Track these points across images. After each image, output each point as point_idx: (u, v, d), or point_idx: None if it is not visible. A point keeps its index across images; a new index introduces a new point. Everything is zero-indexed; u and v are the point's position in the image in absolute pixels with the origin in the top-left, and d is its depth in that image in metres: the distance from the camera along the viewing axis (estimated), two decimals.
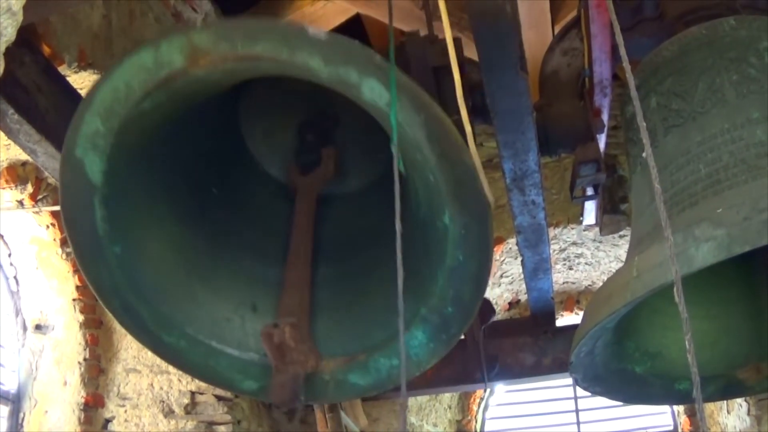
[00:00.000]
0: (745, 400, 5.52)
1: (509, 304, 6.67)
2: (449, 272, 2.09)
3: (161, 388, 4.84)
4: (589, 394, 2.58)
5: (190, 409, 4.81)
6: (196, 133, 2.36)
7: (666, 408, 6.57)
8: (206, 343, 2.30)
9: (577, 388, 4.35)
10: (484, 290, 2.14)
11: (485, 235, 2.06)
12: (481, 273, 2.09)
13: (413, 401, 5.99)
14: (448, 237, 2.05)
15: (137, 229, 2.24)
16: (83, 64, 3.56)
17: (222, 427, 4.82)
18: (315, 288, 2.35)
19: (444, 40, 2.42)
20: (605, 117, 2.75)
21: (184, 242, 2.38)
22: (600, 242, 5.93)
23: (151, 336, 2.29)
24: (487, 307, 3.57)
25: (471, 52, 2.08)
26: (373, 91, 1.83)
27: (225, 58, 1.87)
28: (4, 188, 4.24)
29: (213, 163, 2.50)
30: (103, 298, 2.24)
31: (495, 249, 5.83)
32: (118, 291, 2.22)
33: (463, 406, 6.79)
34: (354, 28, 4.63)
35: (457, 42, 2.14)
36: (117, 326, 4.87)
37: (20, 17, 1.61)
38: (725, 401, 5.72)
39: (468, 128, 2.02)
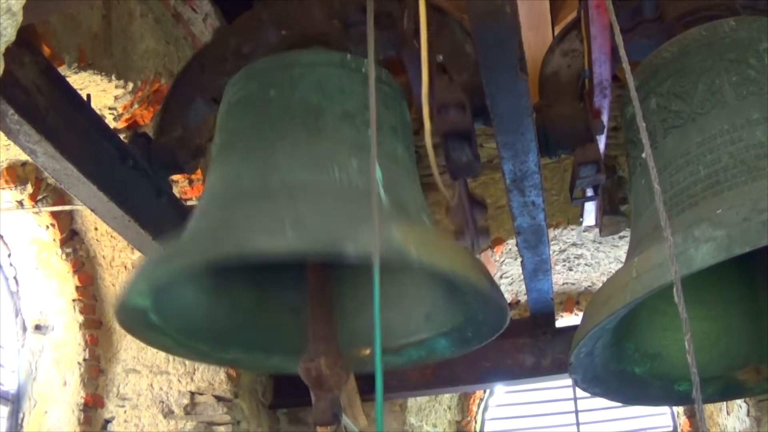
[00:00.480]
0: (745, 402, 5.52)
1: (509, 304, 6.67)
2: (471, 318, 2.26)
3: (161, 389, 4.85)
4: (588, 395, 2.58)
5: (190, 409, 4.81)
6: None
7: (665, 409, 6.57)
8: (261, 350, 2.51)
9: (577, 388, 4.35)
10: (501, 331, 2.29)
11: (503, 312, 2.19)
12: (499, 325, 2.25)
13: (413, 402, 6.00)
14: (470, 305, 2.23)
15: (189, 311, 2.36)
16: (83, 65, 3.56)
17: (221, 428, 4.82)
18: (342, 295, 2.43)
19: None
20: (605, 118, 2.75)
21: (226, 301, 2.48)
22: (600, 243, 5.93)
23: (212, 359, 2.53)
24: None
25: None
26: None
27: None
28: (3, 188, 4.25)
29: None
30: (171, 353, 2.49)
31: (495, 250, 5.83)
32: (184, 346, 2.37)
33: (463, 406, 6.79)
34: None
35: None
36: (116, 326, 4.87)
37: (20, 18, 1.61)
38: (725, 402, 5.72)
39: (427, 124, 2.06)
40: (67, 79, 2.92)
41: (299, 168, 2.07)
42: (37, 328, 4.82)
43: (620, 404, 4.53)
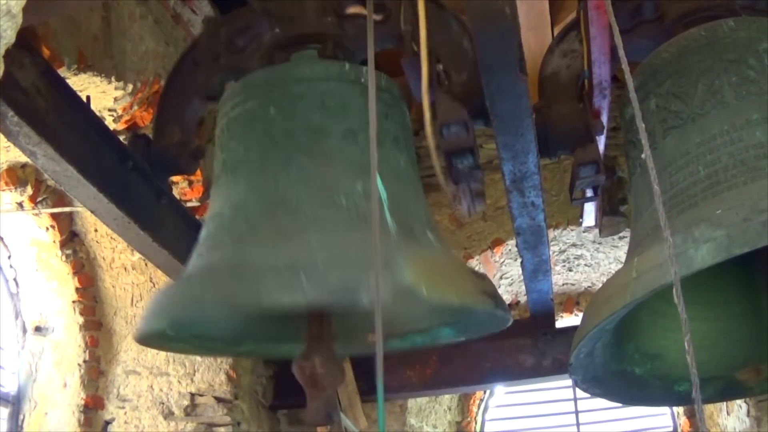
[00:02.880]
0: (745, 402, 5.52)
1: (509, 305, 6.67)
2: (472, 316, 2.29)
3: (161, 390, 4.84)
4: (588, 395, 2.58)
5: (190, 410, 4.81)
6: None
7: (666, 409, 6.57)
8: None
9: (577, 389, 4.35)
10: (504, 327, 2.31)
11: (504, 318, 2.21)
12: (500, 328, 2.28)
13: (413, 402, 5.99)
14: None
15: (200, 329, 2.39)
16: (83, 67, 3.56)
17: (222, 429, 4.82)
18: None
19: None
20: (605, 118, 2.75)
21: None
22: (599, 244, 5.93)
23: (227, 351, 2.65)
24: None
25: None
26: None
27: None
28: (3, 190, 4.25)
29: None
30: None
31: (495, 251, 5.83)
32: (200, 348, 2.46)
33: (463, 407, 6.79)
34: None
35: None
36: (117, 328, 4.89)
37: (20, 19, 1.61)
38: (725, 402, 5.72)
39: (428, 115, 2.06)
40: (67, 80, 2.92)
41: (305, 194, 2.09)
42: (38, 329, 4.82)
43: (620, 405, 4.53)
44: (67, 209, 4.54)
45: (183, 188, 4.59)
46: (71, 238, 4.80)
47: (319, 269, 1.81)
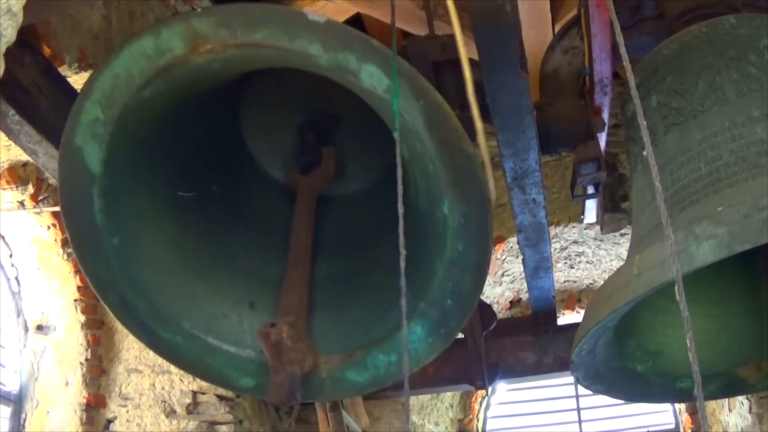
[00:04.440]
0: (747, 398, 5.52)
1: (510, 302, 6.67)
2: (448, 263, 2.08)
3: (163, 388, 4.85)
4: (590, 392, 2.58)
5: (192, 409, 4.81)
6: (197, 128, 2.36)
7: (667, 406, 6.58)
8: (203, 339, 2.30)
9: (579, 386, 4.35)
10: (483, 282, 2.12)
11: (485, 224, 2.03)
12: (481, 263, 2.07)
13: (415, 400, 6.00)
14: (448, 227, 2.03)
15: (136, 222, 2.23)
16: (84, 65, 3.56)
17: (224, 427, 4.82)
18: (313, 286, 2.35)
19: (443, 36, 2.42)
20: (606, 115, 2.75)
21: (182, 238, 2.38)
22: (601, 241, 5.93)
23: (147, 331, 2.28)
24: (489, 313, 3.57)
25: (471, 53, 2.08)
26: (372, 77, 1.83)
27: (225, 46, 1.86)
28: (5, 189, 4.25)
29: (213, 161, 2.50)
30: (100, 292, 2.23)
31: (496, 248, 5.83)
32: (115, 284, 2.21)
33: (465, 405, 6.79)
34: (355, 27, 4.62)
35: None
36: (119, 326, 4.88)
37: (20, 18, 1.61)
38: (727, 399, 5.73)
39: (479, 125, 1.99)
40: (68, 79, 2.92)
41: None
42: (39, 328, 4.83)
43: (622, 401, 4.53)
44: None
45: None
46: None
47: None
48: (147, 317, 2.26)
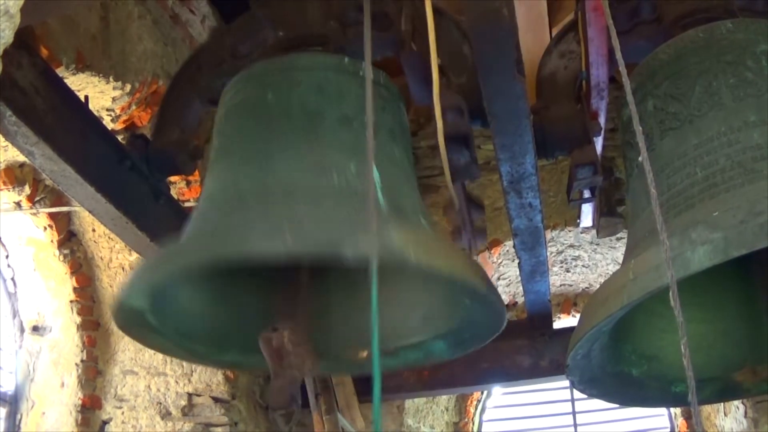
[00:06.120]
0: (742, 403, 5.53)
1: (506, 306, 6.67)
2: (468, 320, 2.25)
3: (158, 390, 4.84)
4: (585, 396, 2.58)
5: (188, 410, 4.81)
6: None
7: (663, 410, 6.58)
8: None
9: (574, 390, 4.36)
10: (498, 333, 2.28)
11: (500, 315, 2.18)
12: (496, 327, 2.25)
13: (410, 403, 6.00)
14: (466, 309, 2.21)
15: (183, 314, 2.34)
16: (81, 67, 3.57)
17: (219, 429, 4.82)
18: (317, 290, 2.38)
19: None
20: (602, 120, 2.75)
21: (215, 301, 2.46)
22: (597, 245, 5.93)
23: (207, 360, 2.56)
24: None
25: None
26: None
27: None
28: (1, 190, 4.25)
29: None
30: (168, 353, 2.48)
31: (492, 251, 5.83)
32: (180, 347, 2.36)
33: (460, 408, 6.79)
34: None
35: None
36: (114, 328, 4.88)
37: (18, 19, 1.61)
38: (722, 403, 5.73)
39: (436, 75, 2.05)
40: (65, 80, 2.92)
41: (298, 172, 2.07)
42: (35, 329, 4.82)
43: (617, 406, 4.53)
44: (64, 209, 4.54)
45: (181, 188, 4.59)
46: (69, 238, 4.80)
47: (304, 225, 1.78)
48: (206, 353, 2.46)
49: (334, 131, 2.18)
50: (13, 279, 4.77)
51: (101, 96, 3.89)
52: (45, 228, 4.61)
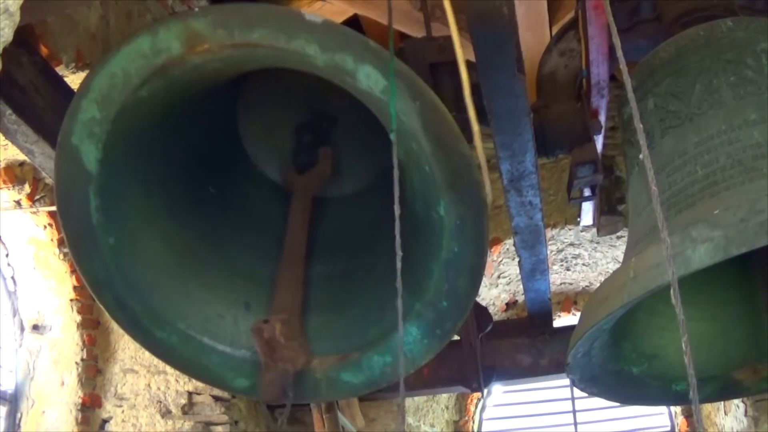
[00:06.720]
0: (743, 401, 5.52)
1: (506, 304, 6.67)
2: (444, 265, 2.07)
3: (158, 389, 4.84)
4: (586, 394, 2.58)
5: (188, 409, 4.81)
6: (193, 129, 2.35)
7: (663, 409, 6.57)
8: (198, 339, 2.30)
9: (575, 388, 4.36)
10: (479, 283, 2.12)
11: (480, 226, 2.02)
12: (477, 264, 2.06)
13: (410, 401, 5.99)
14: (443, 228, 2.03)
15: (132, 222, 2.22)
16: (81, 65, 3.56)
17: (219, 428, 4.82)
18: (308, 286, 2.35)
19: (440, 38, 2.42)
20: (602, 118, 2.75)
21: (178, 238, 2.37)
22: (597, 243, 5.93)
23: (143, 330, 2.28)
24: (485, 316, 3.57)
25: (468, 54, 2.08)
26: (369, 78, 1.82)
27: (222, 46, 1.85)
28: (1, 188, 4.25)
29: (209, 161, 2.50)
30: (95, 291, 2.22)
31: (492, 250, 5.83)
32: (110, 283, 2.20)
33: (461, 406, 6.79)
34: (352, 29, 4.61)
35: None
36: (114, 326, 4.87)
37: (17, 18, 1.61)
38: (722, 402, 5.73)
39: (476, 127, 1.99)
40: (65, 79, 2.92)
41: None
42: (35, 328, 4.82)
43: (618, 404, 4.53)
44: None
45: None
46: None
47: None
48: (142, 317, 2.25)
49: None
50: (13, 278, 4.77)
51: None
52: (45, 227, 4.61)
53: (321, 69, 1.87)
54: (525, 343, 4.28)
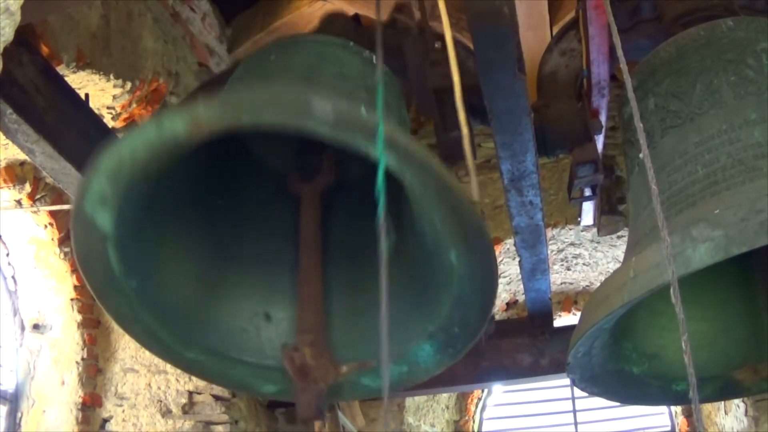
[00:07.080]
0: (743, 401, 5.53)
1: (507, 304, 6.67)
2: (455, 301, 2.12)
3: (159, 388, 4.84)
4: (586, 394, 2.58)
5: (188, 408, 4.81)
6: (199, 159, 2.37)
7: (663, 408, 6.58)
8: (225, 355, 2.36)
9: (575, 388, 4.36)
10: (489, 314, 2.17)
11: (489, 270, 2.05)
12: (487, 302, 2.12)
13: (411, 401, 6.00)
14: (454, 272, 2.06)
15: (151, 262, 2.26)
16: (81, 64, 3.56)
17: (219, 427, 4.82)
18: (326, 293, 2.38)
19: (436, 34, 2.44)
20: (603, 118, 2.75)
21: (195, 262, 2.41)
22: (598, 243, 5.94)
23: (173, 355, 2.34)
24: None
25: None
26: (377, 152, 1.83)
27: (230, 126, 1.87)
28: (2, 188, 4.25)
29: (216, 176, 2.50)
30: (124, 327, 2.29)
31: None
32: (138, 319, 2.24)
33: (461, 406, 6.79)
34: (352, 29, 4.61)
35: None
36: (115, 326, 4.87)
37: (18, 17, 1.61)
38: (723, 402, 5.73)
39: (465, 130, 2.00)
40: (66, 78, 2.92)
41: None
42: (36, 327, 4.82)
43: (618, 404, 4.52)
44: (65, 207, 4.53)
45: None
46: (69, 236, 4.79)
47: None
48: (172, 343, 2.31)
49: (333, 84, 2.26)
50: (13, 277, 4.77)
51: (102, 94, 3.89)
52: (45, 226, 4.61)
53: (329, 140, 1.88)
54: (525, 342, 4.29)
